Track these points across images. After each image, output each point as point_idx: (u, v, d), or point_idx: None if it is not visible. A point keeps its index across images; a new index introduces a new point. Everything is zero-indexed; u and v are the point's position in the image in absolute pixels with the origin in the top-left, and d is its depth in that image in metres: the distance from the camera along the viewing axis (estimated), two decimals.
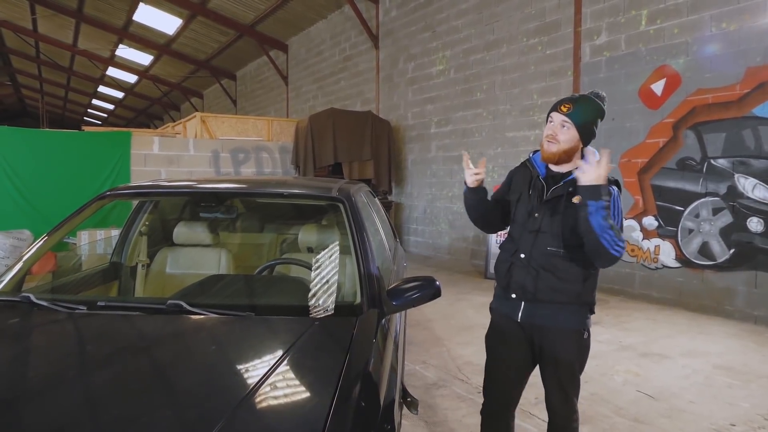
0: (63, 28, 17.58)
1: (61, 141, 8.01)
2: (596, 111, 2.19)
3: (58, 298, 2.11)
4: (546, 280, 2.19)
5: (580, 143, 2.17)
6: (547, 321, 2.24)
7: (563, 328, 2.23)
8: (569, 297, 2.18)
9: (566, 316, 2.22)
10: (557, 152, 2.15)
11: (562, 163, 2.19)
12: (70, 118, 36.36)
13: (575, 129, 2.13)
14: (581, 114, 2.14)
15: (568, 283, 2.17)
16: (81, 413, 1.36)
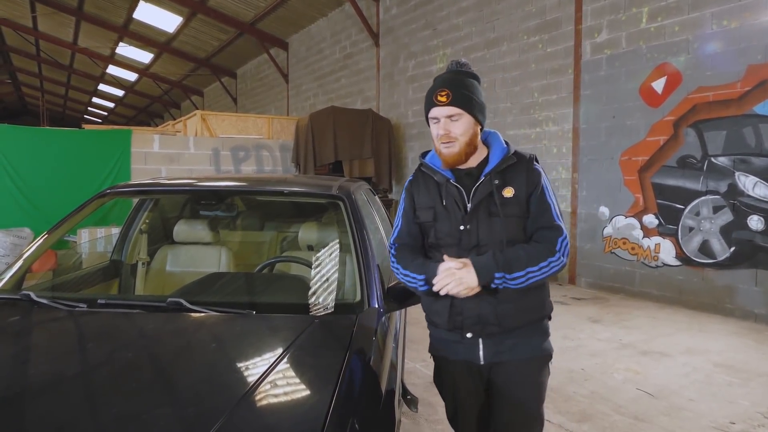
0: (63, 26, 17.57)
1: (62, 139, 8.02)
2: (474, 81, 1.85)
3: (58, 296, 2.11)
4: (509, 302, 1.78)
5: (478, 125, 1.83)
6: (517, 353, 1.84)
7: (533, 357, 1.86)
8: (538, 310, 1.86)
9: (537, 340, 1.87)
10: (460, 151, 1.80)
11: (470, 156, 1.84)
12: (70, 116, 36.36)
13: (467, 114, 1.78)
14: (463, 93, 1.78)
15: (532, 295, 1.82)
16: (82, 411, 1.36)
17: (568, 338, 4.90)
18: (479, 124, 1.84)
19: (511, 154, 1.84)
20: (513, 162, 1.83)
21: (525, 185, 1.81)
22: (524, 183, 1.81)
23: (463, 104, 1.77)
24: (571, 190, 7.25)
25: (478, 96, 1.82)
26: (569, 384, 3.82)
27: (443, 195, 1.85)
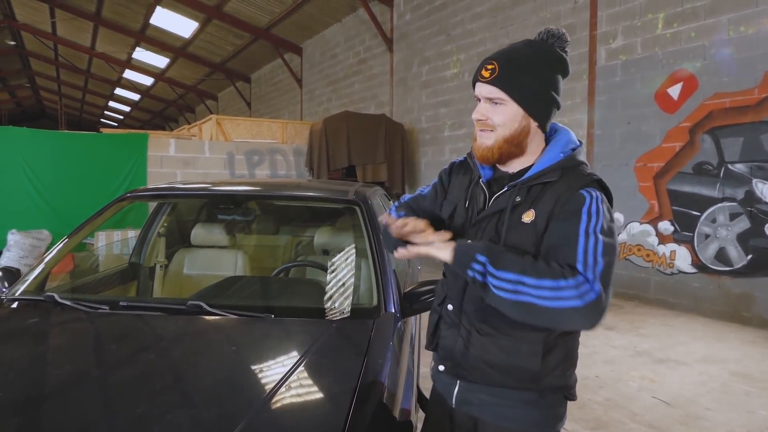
0: (81, 31, 17.84)
1: (80, 142, 8.13)
2: (544, 60, 1.38)
3: (80, 297, 2.15)
4: (480, 347, 1.40)
5: (530, 120, 1.37)
6: (487, 414, 1.43)
7: (505, 426, 1.42)
8: (518, 379, 1.37)
9: (515, 411, 1.40)
10: (494, 146, 1.38)
11: (513, 158, 1.41)
12: (87, 120, 36.84)
13: (514, 103, 1.35)
14: (515, 73, 1.34)
15: (516, 356, 1.36)
16: (104, 411, 1.39)
17: (582, 345, 4.84)
18: (533, 119, 1.37)
19: (556, 166, 1.36)
20: (554, 179, 1.35)
21: (549, 211, 1.32)
22: (550, 208, 1.32)
23: (510, 87, 1.34)
24: None
25: (541, 81, 1.36)
26: (584, 391, 3.80)
27: (468, 196, 1.49)
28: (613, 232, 1.28)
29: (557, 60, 1.39)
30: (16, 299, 2.13)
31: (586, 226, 1.25)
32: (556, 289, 1.19)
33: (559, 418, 1.44)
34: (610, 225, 1.28)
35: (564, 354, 1.40)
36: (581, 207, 1.28)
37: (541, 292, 1.20)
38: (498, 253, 1.28)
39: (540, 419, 1.41)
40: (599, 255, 1.21)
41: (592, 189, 1.32)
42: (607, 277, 1.21)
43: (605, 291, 1.19)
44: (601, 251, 1.22)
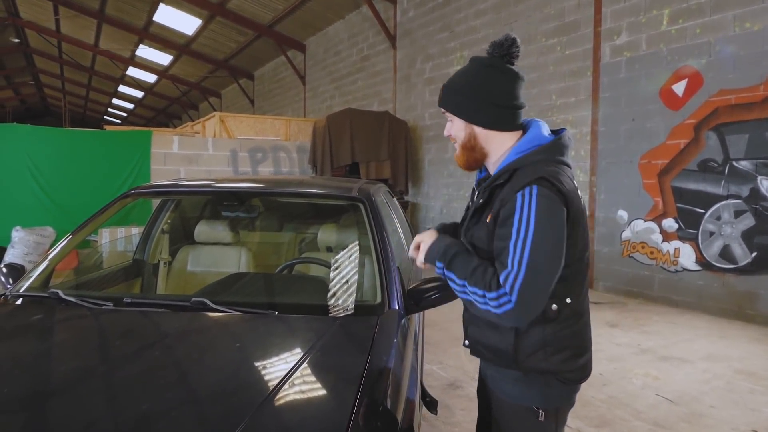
0: (85, 29, 17.88)
1: (83, 140, 8.16)
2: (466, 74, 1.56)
3: (85, 294, 2.16)
4: (476, 327, 1.61)
5: (473, 126, 1.55)
6: (495, 388, 1.64)
7: (506, 400, 1.60)
8: (502, 359, 1.54)
9: (507, 384, 1.58)
10: (460, 154, 1.61)
11: (481, 161, 1.61)
12: (91, 117, 36.93)
13: (455, 117, 1.57)
14: (451, 93, 1.58)
15: (496, 339, 1.53)
16: (108, 408, 1.39)
17: None
18: (474, 125, 1.54)
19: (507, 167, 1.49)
20: (504, 180, 1.47)
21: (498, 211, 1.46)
22: (498, 209, 1.46)
23: (448, 105, 1.58)
24: (590, 194, 7.20)
25: (472, 92, 1.53)
26: (587, 389, 3.79)
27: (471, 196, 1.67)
28: (548, 228, 1.37)
29: (476, 69, 1.54)
30: (21, 296, 2.14)
31: (517, 231, 1.38)
32: (484, 297, 1.41)
33: (554, 398, 1.55)
34: (548, 220, 1.37)
35: (541, 340, 1.49)
36: (513, 213, 1.40)
37: (475, 297, 1.43)
38: (451, 258, 1.49)
39: (531, 396, 1.54)
40: (524, 263, 1.36)
41: (528, 189, 1.39)
42: (526, 286, 1.35)
43: (523, 298, 1.35)
44: (527, 259, 1.35)
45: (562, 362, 1.51)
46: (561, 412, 1.61)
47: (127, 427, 1.31)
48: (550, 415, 1.57)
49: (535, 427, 1.57)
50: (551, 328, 1.49)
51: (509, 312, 1.37)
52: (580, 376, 1.58)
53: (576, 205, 1.47)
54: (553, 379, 1.53)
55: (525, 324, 1.45)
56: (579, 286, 1.54)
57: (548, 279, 1.39)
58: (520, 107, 1.55)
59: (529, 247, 1.36)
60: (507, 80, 1.52)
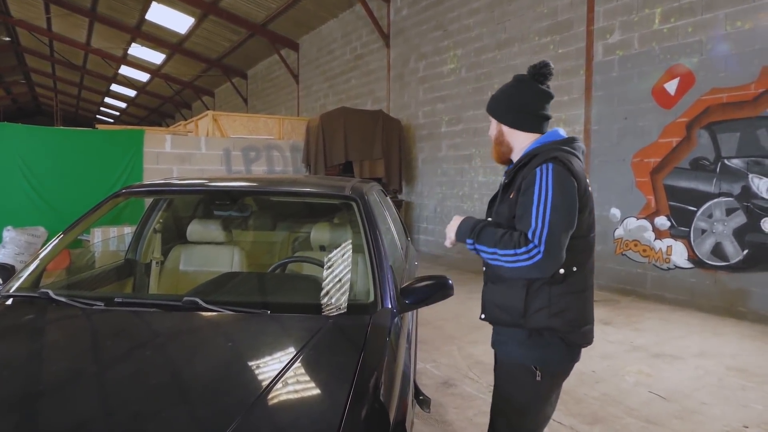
0: (77, 27, 17.76)
1: (75, 139, 8.11)
2: (510, 86, 1.99)
3: (75, 294, 2.14)
4: (491, 294, 1.92)
5: (501, 125, 1.98)
6: (500, 351, 1.93)
7: (510, 360, 1.88)
8: (511, 318, 1.82)
9: (513, 346, 1.86)
10: (492, 149, 2.06)
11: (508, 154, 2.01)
12: (83, 116, 36.72)
13: (493, 121, 2.02)
14: (490, 105, 2.03)
15: (509, 298, 1.82)
16: (99, 408, 1.39)
17: None
18: (501, 123, 1.97)
19: (528, 154, 1.86)
20: (525, 162, 1.85)
21: (519, 185, 1.80)
22: (520, 182, 1.81)
23: (488, 108, 2.03)
24: None
25: (508, 99, 1.96)
26: (580, 386, 3.81)
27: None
28: (567, 193, 1.71)
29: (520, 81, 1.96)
30: (11, 296, 2.12)
31: (538, 197, 1.70)
32: (514, 255, 1.68)
33: (553, 360, 1.82)
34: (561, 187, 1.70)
35: (546, 300, 1.77)
36: (533, 183, 1.73)
37: (506, 258, 1.70)
38: (479, 232, 1.80)
39: (532, 356, 1.81)
40: (546, 221, 1.67)
41: (544, 165, 1.74)
42: (551, 237, 1.66)
43: (549, 248, 1.65)
44: (548, 218, 1.67)
45: (565, 323, 1.78)
46: (557, 377, 1.88)
47: (118, 428, 1.30)
48: (546, 377, 1.82)
49: (531, 387, 1.82)
50: (557, 289, 1.77)
51: (540, 261, 1.65)
52: (581, 341, 1.85)
53: (583, 184, 1.79)
54: (555, 338, 1.79)
55: (552, 272, 1.71)
56: (584, 260, 1.84)
57: (566, 234, 1.70)
58: (540, 115, 1.94)
59: (550, 207, 1.67)
60: (531, 93, 1.94)
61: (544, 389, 1.84)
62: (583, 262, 1.84)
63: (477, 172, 9.16)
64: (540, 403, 1.88)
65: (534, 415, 1.89)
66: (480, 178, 9.09)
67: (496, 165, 8.67)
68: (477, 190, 9.17)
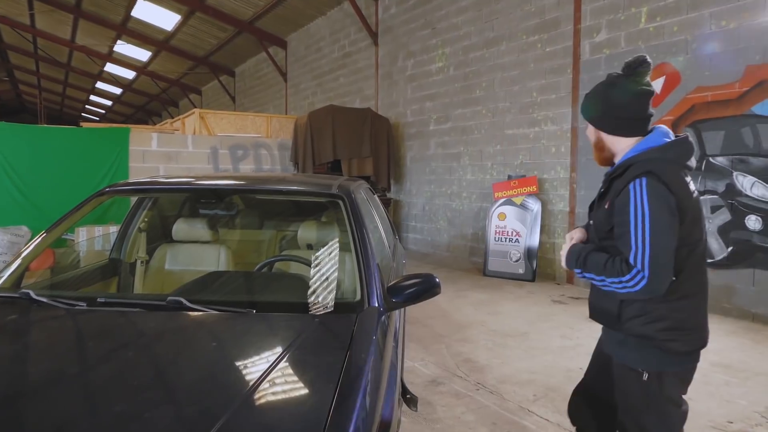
0: (61, 24, 17.52)
1: (59, 137, 8.00)
2: (595, 93, 1.97)
3: (57, 294, 2.11)
4: (594, 295, 1.99)
5: (600, 132, 1.97)
6: (608, 349, 2.00)
7: (618, 362, 1.93)
8: (608, 321, 1.92)
9: (614, 346, 1.93)
10: (594, 153, 2.04)
11: (609, 159, 2.00)
12: (68, 114, 36.28)
13: (589, 124, 2.00)
14: (584, 109, 2.01)
15: (606, 302, 1.89)
16: (81, 410, 1.36)
17: (566, 337, 4.91)
18: (600, 130, 1.96)
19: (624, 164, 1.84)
20: (620, 173, 1.83)
21: (614, 200, 1.80)
22: (614, 197, 1.80)
23: (583, 113, 2.02)
24: (570, 190, 7.26)
25: (604, 103, 1.92)
26: (567, 383, 3.82)
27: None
28: (664, 209, 1.67)
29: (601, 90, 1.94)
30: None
31: (635, 217, 1.69)
32: (621, 283, 1.70)
33: (652, 362, 1.82)
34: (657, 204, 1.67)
35: (640, 309, 1.80)
36: (628, 202, 1.71)
37: (615, 285, 1.73)
38: (585, 260, 1.83)
39: (631, 357, 1.85)
40: (647, 243, 1.65)
41: (638, 180, 1.71)
42: (654, 260, 1.65)
43: (654, 270, 1.65)
44: (648, 239, 1.66)
45: (659, 331, 1.78)
46: (665, 377, 1.83)
47: (100, 430, 1.28)
48: (653, 378, 1.81)
49: (639, 386, 1.84)
50: (652, 300, 1.76)
51: (646, 286, 1.65)
52: (684, 348, 1.82)
53: (680, 196, 1.72)
54: (650, 345, 1.80)
55: (662, 292, 1.69)
56: (688, 270, 1.79)
57: (670, 251, 1.68)
58: (640, 117, 1.89)
59: (649, 227, 1.66)
60: (628, 95, 1.87)
61: (654, 389, 1.83)
62: (687, 272, 1.79)
63: (465, 171, 9.17)
64: (655, 401, 1.84)
65: (657, 414, 1.85)
66: (468, 176, 9.10)
67: (484, 163, 8.70)
68: (465, 189, 9.18)
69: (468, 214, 9.17)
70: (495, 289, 7.00)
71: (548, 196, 7.66)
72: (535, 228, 7.52)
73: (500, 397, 3.59)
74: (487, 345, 4.68)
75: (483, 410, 3.39)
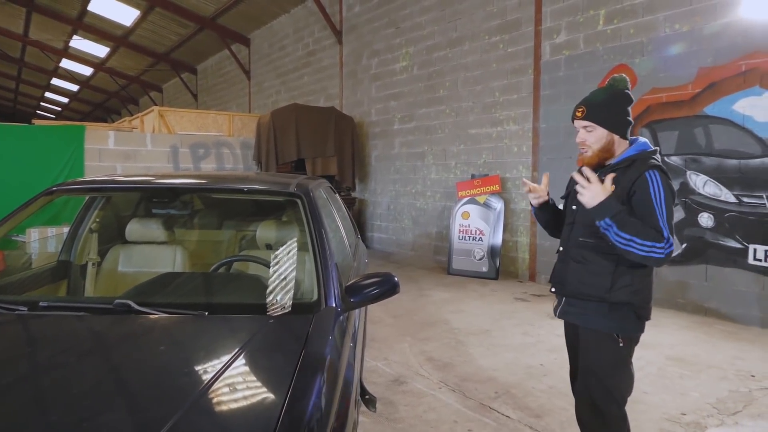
0: (13, 18, 16.86)
1: (10, 135, 7.67)
2: (613, 98, 2.19)
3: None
4: (575, 272, 2.20)
5: (613, 134, 2.16)
6: (577, 319, 2.23)
7: (591, 329, 2.18)
8: (596, 292, 2.13)
9: (594, 317, 2.16)
10: (593, 155, 2.19)
11: (607, 159, 2.20)
12: (22, 111, 34.97)
13: (599, 127, 2.15)
14: (597, 110, 2.16)
15: (596, 276, 2.14)
16: (19, 420, 1.29)
17: (527, 334, 4.97)
18: (614, 134, 2.16)
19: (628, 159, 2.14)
20: (626, 165, 2.12)
21: (628, 187, 2.05)
22: (628, 186, 2.05)
23: (595, 119, 2.16)
24: None
25: (613, 113, 2.16)
26: (528, 380, 3.87)
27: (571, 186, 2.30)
28: (671, 195, 2.03)
29: (619, 95, 2.20)
30: None
31: (656, 199, 2.00)
32: (652, 247, 1.94)
33: (628, 328, 2.14)
34: (668, 191, 2.02)
35: (629, 280, 2.10)
36: (648, 187, 2.02)
37: (641, 247, 1.94)
38: (622, 219, 1.96)
39: (613, 326, 2.13)
40: (666, 221, 1.98)
41: (652, 172, 2.03)
42: (671, 235, 1.97)
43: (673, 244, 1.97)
44: (666, 218, 1.99)
45: (640, 300, 2.12)
46: (633, 342, 2.18)
47: None
48: (626, 343, 2.14)
49: (614, 351, 2.13)
50: (639, 272, 2.11)
51: (669, 254, 1.95)
52: (647, 315, 2.17)
53: None
54: (631, 312, 2.11)
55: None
56: None
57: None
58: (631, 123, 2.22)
59: (665, 209, 1.99)
60: (630, 104, 2.20)
61: (625, 352, 2.16)
62: None
63: (430, 170, 9.21)
64: (623, 365, 2.17)
65: (621, 375, 2.16)
66: (433, 175, 9.14)
67: (448, 162, 8.74)
68: (430, 188, 9.22)
69: (432, 213, 9.21)
70: (459, 287, 7.05)
71: (511, 195, 7.75)
72: (498, 226, 7.60)
73: (462, 395, 3.60)
74: (450, 343, 4.70)
75: (445, 408, 3.39)
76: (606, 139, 2.16)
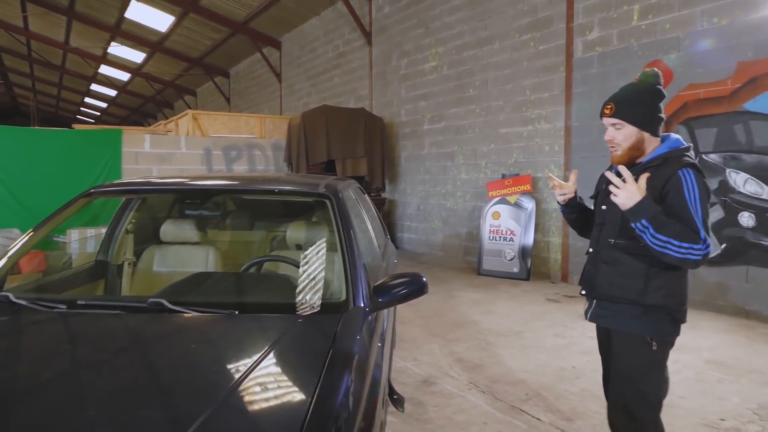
0: (55, 26, 17.47)
1: (52, 139, 7.96)
2: (643, 94, 2.11)
3: (37, 297, 2.08)
4: (605, 274, 2.13)
5: (643, 132, 2.08)
6: (610, 323, 2.17)
7: (623, 332, 2.11)
8: (629, 295, 2.06)
9: (627, 320, 2.09)
10: (623, 154, 2.11)
11: (638, 157, 2.12)
12: (63, 117, 36.18)
13: (628, 124, 2.08)
14: (626, 107, 2.09)
15: (627, 278, 2.06)
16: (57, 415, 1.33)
17: (559, 336, 4.89)
18: (644, 132, 2.08)
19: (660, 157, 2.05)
20: (658, 164, 2.04)
21: (661, 186, 1.98)
22: (661, 185, 1.98)
23: (624, 117, 2.08)
24: None
25: (642, 109, 2.08)
26: (560, 382, 3.81)
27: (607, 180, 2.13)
28: (707, 193, 1.95)
29: (650, 90, 2.11)
30: None
31: (691, 201, 1.92)
32: (689, 249, 1.86)
33: (662, 332, 2.06)
34: (703, 189, 1.94)
35: (664, 282, 2.02)
36: (682, 187, 1.94)
37: (679, 249, 1.87)
38: (659, 221, 1.89)
39: (647, 329, 2.05)
40: (702, 222, 1.90)
41: (685, 170, 1.96)
42: (708, 236, 1.89)
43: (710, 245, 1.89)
44: (701, 219, 1.91)
45: (675, 302, 2.04)
46: (668, 345, 2.10)
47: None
48: (661, 346, 2.06)
49: (649, 355, 2.06)
50: (673, 274, 2.03)
51: (707, 255, 1.87)
52: (683, 318, 2.09)
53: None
54: (665, 315, 2.04)
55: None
56: None
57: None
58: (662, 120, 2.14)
59: (700, 209, 1.91)
60: (661, 101, 2.11)
61: (660, 356, 2.08)
62: None
63: (460, 170, 9.16)
64: (658, 369, 2.09)
65: (655, 379, 2.09)
66: (462, 175, 9.09)
67: (478, 162, 8.68)
68: (460, 188, 9.17)
69: (462, 214, 9.15)
70: (489, 288, 6.99)
71: (542, 195, 7.65)
72: (530, 227, 7.51)
73: (492, 396, 3.57)
74: (480, 344, 4.66)
75: (474, 410, 3.37)
76: (635, 137, 2.08)
